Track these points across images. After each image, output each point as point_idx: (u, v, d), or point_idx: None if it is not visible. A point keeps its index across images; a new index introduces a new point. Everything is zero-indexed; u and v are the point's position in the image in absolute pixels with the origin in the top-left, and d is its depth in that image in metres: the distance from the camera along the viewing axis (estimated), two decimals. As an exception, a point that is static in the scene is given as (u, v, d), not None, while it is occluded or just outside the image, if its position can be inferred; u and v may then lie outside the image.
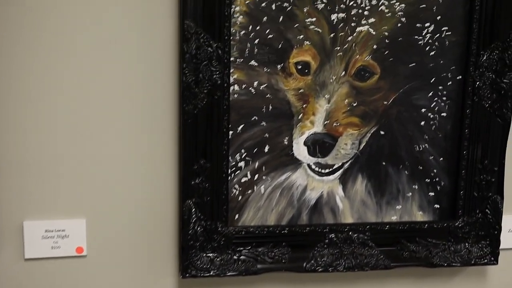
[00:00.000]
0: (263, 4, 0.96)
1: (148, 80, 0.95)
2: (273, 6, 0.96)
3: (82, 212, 0.98)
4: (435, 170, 1.07)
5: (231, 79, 0.97)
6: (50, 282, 0.99)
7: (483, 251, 1.09)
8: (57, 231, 0.98)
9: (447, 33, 1.02)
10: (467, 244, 1.09)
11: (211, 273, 0.99)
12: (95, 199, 0.98)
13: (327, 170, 1.03)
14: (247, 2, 0.95)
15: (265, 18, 0.96)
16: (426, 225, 1.07)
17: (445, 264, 1.07)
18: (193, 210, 0.97)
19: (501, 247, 1.12)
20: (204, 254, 0.99)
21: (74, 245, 0.99)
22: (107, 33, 0.93)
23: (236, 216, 1.02)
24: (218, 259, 1.00)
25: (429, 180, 1.07)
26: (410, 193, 1.07)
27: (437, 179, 1.07)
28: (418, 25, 1.01)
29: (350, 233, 1.04)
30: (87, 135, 0.96)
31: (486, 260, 1.09)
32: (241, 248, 1.01)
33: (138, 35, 0.94)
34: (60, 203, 0.97)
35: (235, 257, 1.01)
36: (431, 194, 1.07)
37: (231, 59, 0.96)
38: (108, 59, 0.94)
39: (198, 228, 0.98)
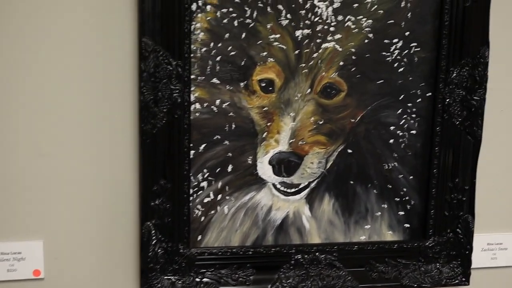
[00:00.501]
0: (225, 21, 0.93)
1: (107, 99, 0.93)
2: (235, 23, 0.93)
3: (39, 233, 0.95)
4: (404, 189, 1.04)
5: (192, 98, 0.94)
6: (7, 306, 0.97)
7: (454, 271, 1.06)
8: (13, 253, 0.95)
9: (416, 49, 1.00)
10: (438, 264, 1.06)
11: (173, 296, 0.97)
12: (53, 220, 0.95)
13: (292, 190, 1.01)
14: (208, 18, 0.92)
15: (227, 35, 0.93)
16: (396, 245, 1.05)
17: (415, 285, 1.04)
18: (153, 231, 0.94)
19: (473, 266, 1.10)
20: (165, 277, 0.97)
21: (31, 268, 0.96)
22: (64, 50, 0.90)
23: (199, 237, 0.99)
24: (180, 282, 0.97)
25: (398, 199, 1.04)
26: (379, 213, 1.04)
27: (407, 198, 1.04)
28: (386, 41, 0.98)
29: (317, 253, 1.02)
30: (44, 155, 0.93)
31: (457, 281, 1.06)
32: (204, 270, 0.98)
33: (96, 52, 0.91)
34: (16, 224, 0.94)
35: (197, 279, 0.98)
36: (401, 213, 1.05)
37: (192, 77, 0.93)
38: (66, 77, 0.91)
39: (159, 250, 0.96)
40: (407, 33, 0.99)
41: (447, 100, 1.01)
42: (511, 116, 1.07)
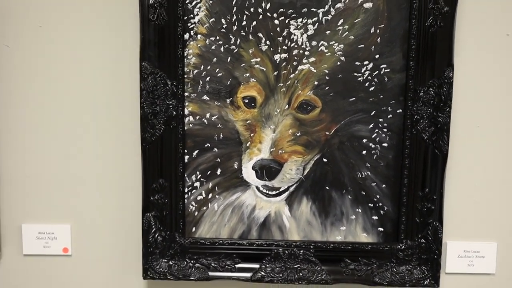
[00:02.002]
0: (213, 47, 1.11)
1: (115, 113, 1.14)
2: (222, 49, 1.10)
3: (67, 219, 1.19)
4: (378, 196, 1.15)
5: (186, 111, 1.13)
6: (42, 274, 1.21)
7: (424, 274, 1.15)
8: (48, 233, 1.19)
9: (386, 70, 1.11)
10: (409, 266, 1.16)
11: (168, 277, 1.15)
12: (78, 209, 1.18)
13: (273, 192, 1.16)
14: (198, 45, 1.11)
15: (215, 59, 1.11)
16: (370, 246, 1.16)
17: (385, 283, 1.15)
18: (152, 222, 1.14)
19: (448, 271, 1.18)
20: (163, 260, 1.16)
21: (61, 246, 1.20)
22: (81, 74, 1.13)
23: (193, 229, 1.17)
24: (175, 265, 1.16)
25: (372, 205, 1.15)
26: (354, 216, 1.16)
27: (380, 204, 1.15)
28: (357, 63, 1.10)
29: (295, 249, 1.16)
30: (72, 158, 1.16)
31: (426, 282, 1.15)
32: (196, 257, 1.16)
33: (106, 74, 1.13)
34: (50, 211, 1.19)
35: (190, 264, 1.16)
36: (375, 217, 1.16)
37: (186, 94, 1.12)
38: (84, 96, 1.14)
39: (158, 237, 1.15)
40: (377, 56, 1.10)
41: (416, 116, 1.11)
42: (480, 131, 1.14)
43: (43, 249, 1.20)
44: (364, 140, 1.13)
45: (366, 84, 1.11)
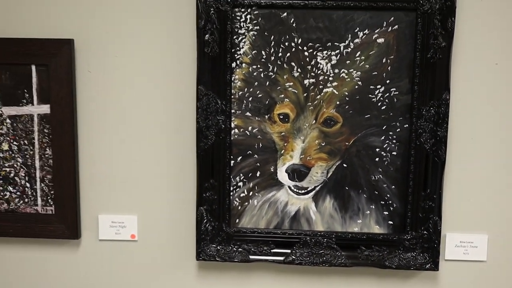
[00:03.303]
0: (255, 73, 1.37)
1: (178, 125, 1.42)
2: (262, 75, 1.37)
3: (135, 211, 1.47)
4: (388, 195, 1.40)
5: (233, 125, 1.39)
6: (114, 256, 1.49)
7: (426, 259, 1.40)
8: (119, 222, 1.47)
9: (395, 93, 1.36)
10: (414, 253, 1.40)
11: (217, 259, 1.42)
12: (144, 203, 1.46)
13: (303, 191, 1.41)
14: (243, 72, 1.37)
15: (256, 83, 1.38)
16: (381, 236, 1.41)
17: (394, 266, 1.40)
18: (204, 214, 1.41)
19: (447, 258, 1.43)
20: (212, 245, 1.43)
21: (129, 233, 1.48)
22: (151, 92, 1.41)
23: (237, 220, 1.44)
24: (222, 250, 1.43)
25: (383, 202, 1.41)
26: (368, 211, 1.41)
27: (390, 202, 1.40)
28: (371, 87, 1.36)
29: (320, 238, 1.42)
30: (140, 162, 1.44)
31: (427, 266, 1.39)
32: (239, 243, 1.43)
33: (170, 97, 1.41)
34: (121, 204, 1.47)
35: (234, 249, 1.43)
36: (386, 213, 1.41)
37: (232, 111, 1.39)
38: (153, 115, 1.42)
39: (209, 227, 1.42)
40: (387, 81, 1.35)
41: (419, 130, 1.35)
42: (473, 142, 1.39)
43: (115, 235, 1.48)
44: (377, 149, 1.38)
45: (379, 104, 1.36)
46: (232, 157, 1.41)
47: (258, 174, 1.42)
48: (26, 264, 1.50)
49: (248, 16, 1.35)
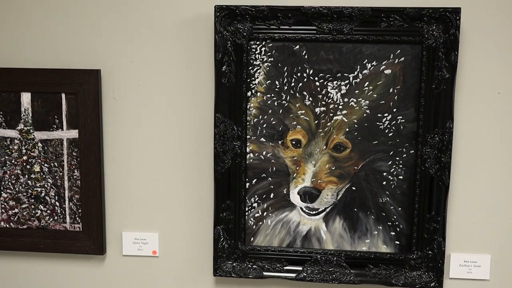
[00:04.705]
0: (269, 102, 1.46)
1: (196, 150, 1.51)
2: (275, 103, 1.46)
3: (156, 228, 1.57)
4: (395, 216, 1.48)
5: (248, 150, 1.48)
6: (137, 271, 1.59)
7: (431, 278, 1.47)
8: (141, 239, 1.57)
9: (401, 121, 1.44)
10: (419, 272, 1.48)
11: (232, 275, 1.51)
12: (165, 222, 1.56)
13: (314, 212, 1.50)
14: (258, 100, 1.46)
15: (270, 111, 1.46)
16: (388, 255, 1.49)
17: (400, 284, 1.47)
18: (221, 233, 1.50)
19: (451, 277, 1.50)
20: (229, 262, 1.52)
21: (151, 249, 1.58)
22: (172, 118, 1.51)
23: (252, 239, 1.53)
24: (238, 266, 1.52)
25: (390, 223, 1.48)
26: (376, 232, 1.49)
27: (396, 223, 1.48)
28: (379, 115, 1.44)
29: (330, 256, 1.50)
30: (162, 183, 1.54)
31: (432, 285, 1.47)
32: (254, 260, 1.52)
33: (189, 123, 1.50)
34: (143, 222, 1.57)
35: (249, 265, 1.52)
36: (392, 233, 1.49)
37: (248, 137, 1.48)
38: (175, 137, 1.51)
39: (225, 245, 1.51)
40: (394, 110, 1.43)
41: (424, 156, 1.43)
42: (476, 167, 1.46)
43: (137, 251, 1.58)
44: (384, 174, 1.46)
45: (386, 131, 1.44)
46: (247, 179, 1.50)
47: (271, 196, 1.50)
48: (55, 278, 1.61)
49: (263, 49, 1.44)
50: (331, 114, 1.45)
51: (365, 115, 1.44)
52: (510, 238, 1.48)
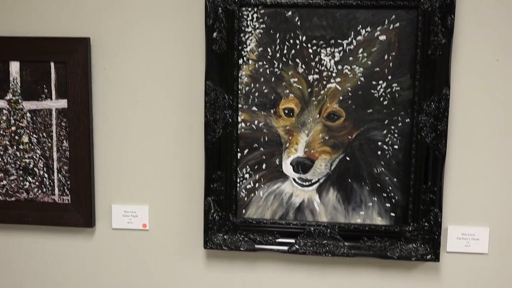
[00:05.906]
0: (261, 70, 1.43)
1: (187, 120, 1.48)
2: (267, 71, 1.43)
3: (146, 201, 1.53)
4: (390, 187, 1.44)
5: (239, 119, 1.45)
6: (127, 244, 1.56)
7: (427, 251, 1.43)
8: (131, 212, 1.54)
9: (396, 88, 1.40)
10: (415, 244, 1.44)
11: (223, 247, 1.48)
12: (154, 194, 1.53)
13: (307, 183, 1.46)
14: (250, 68, 1.43)
15: (262, 79, 1.43)
16: (383, 227, 1.45)
17: (395, 257, 1.44)
18: (212, 204, 1.47)
19: (448, 250, 1.46)
20: (219, 235, 1.49)
21: (141, 222, 1.54)
22: (162, 87, 1.48)
23: (243, 211, 1.49)
24: (228, 239, 1.48)
25: (385, 195, 1.44)
26: (371, 203, 1.45)
27: (392, 194, 1.44)
28: (373, 82, 1.40)
29: (323, 228, 1.46)
30: (151, 154, 1.51)
31: (428, 257, 1.43)
32: (245, 233, 1.48)
33: (180, 92, 1.47)
34: (133, 195, 1.53)
35: (240, 238, 1.48)
36: (388, 205, 1.45)
37: (239, 106, 1.44)
38: (165, 109, 1.48)
39: (216, 217, 1.48)
40: (389, 77, 1.40)
41: (420, 124, 1.39)
42: (473, 136, 1.42)
43: (127, 224, 1.55)
44: (379, 143, 1.43)
45: (381, 99, 1.41)
46: (239, 150, 1.46)
47: (264, 167, 1.47)
48: (44, 251, 1.58)
49: (255, 15, 1.41)
50: (324, 82, 1.42)
51: (359, 82, 1.41)
52: (509, 211, 1.44)
